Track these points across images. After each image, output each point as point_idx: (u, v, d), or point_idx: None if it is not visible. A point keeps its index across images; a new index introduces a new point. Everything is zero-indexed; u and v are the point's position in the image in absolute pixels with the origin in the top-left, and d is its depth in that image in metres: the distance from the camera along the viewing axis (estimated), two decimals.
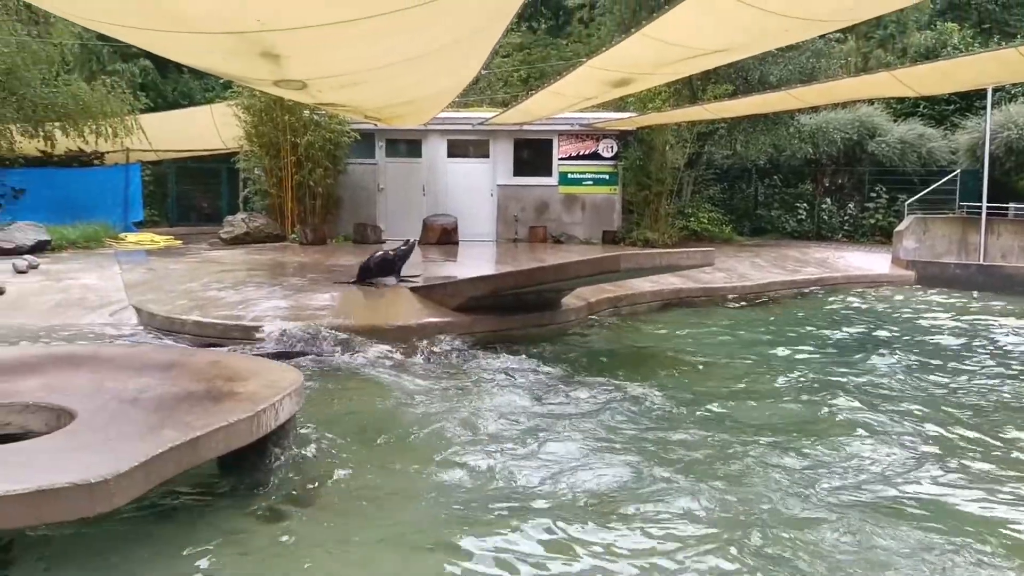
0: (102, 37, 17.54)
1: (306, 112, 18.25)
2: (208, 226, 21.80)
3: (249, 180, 20.28)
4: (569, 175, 20.90)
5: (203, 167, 24.83)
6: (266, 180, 19.58)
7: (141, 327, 9.94)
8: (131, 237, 18.48)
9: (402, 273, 11.95)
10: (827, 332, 11.41)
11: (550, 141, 20.76)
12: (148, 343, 9.16)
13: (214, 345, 8.73)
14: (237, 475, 4.94)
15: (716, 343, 10.44)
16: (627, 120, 19.55)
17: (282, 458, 5.16)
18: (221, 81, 20.70)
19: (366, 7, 6.12)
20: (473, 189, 20.73)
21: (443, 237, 19.10)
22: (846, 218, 23.63)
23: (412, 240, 12.55)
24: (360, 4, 6.07)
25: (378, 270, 11.73)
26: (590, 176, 20.91)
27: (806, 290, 15.02)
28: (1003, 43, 22.99)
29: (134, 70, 24.13)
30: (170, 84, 26.38)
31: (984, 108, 18.85)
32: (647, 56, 9.65)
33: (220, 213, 22.31)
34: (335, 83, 9.34)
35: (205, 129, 20.70)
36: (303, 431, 5.83)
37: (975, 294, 14.97)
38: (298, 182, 18.97)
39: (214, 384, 5.15)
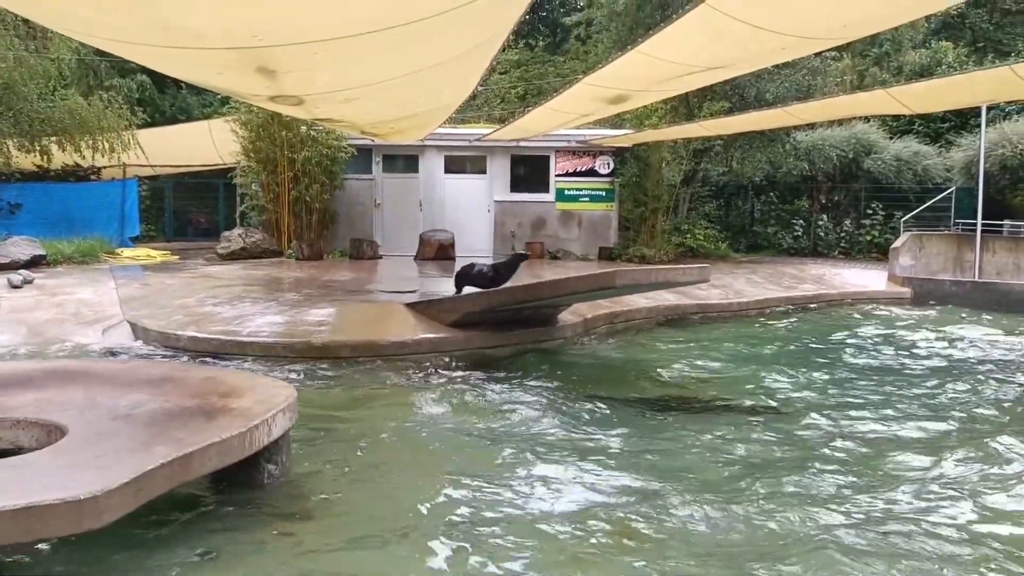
0: (99, 52, 17.59)
1: (303, 127, 18.27)
2: (205, 241, 21.79)
3: (246, 195, 20.28)
4: (566, 191, 20.93)
5: (200, 182, 24.83)
6: (263, 195, 19.57)
7: (136, 342, 9.91)
8: (127, 252, 18.44)
9: (404, 288, 11.91)
10: (824, 349, 11.40)
11: (547, 157, 20.79)
12: (142, 358, 9.12)
13: (209, 361, 8.72)
14: (230, 491, 4.90)
15: (712, 360, 10.41)
16: (624, 137, 19.59)
17: (275, 474, 5.13)
18: (219, 96, 20.73)
19: (363, 24, 6.13)
20: (470, 205, 20.75)
21: (440, 253, 19.09)
22: (842, 235, 23.66)
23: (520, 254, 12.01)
24: (357, 21, 6.07)
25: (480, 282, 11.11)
26: (587, 192, 20.94)
27: (803, 307, 15.01)
28: (997, 61, 23.08)
29: (131, 85, 24.14)
30: (168, 99, 26.41)
31: (979, 126, 18.89)
32: (643, 73, 9.67)
33: (217, 228, 22.30)
34: (332, 99, 9.34)
35: (202, 144, 20.72)
36: (297, 447, 5.79)
37: (963, 313, 14.92)
38: (295, 197, 18.97)
39: (207, 400, 5.12)
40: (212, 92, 19.26)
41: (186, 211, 25.67)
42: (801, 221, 23.99)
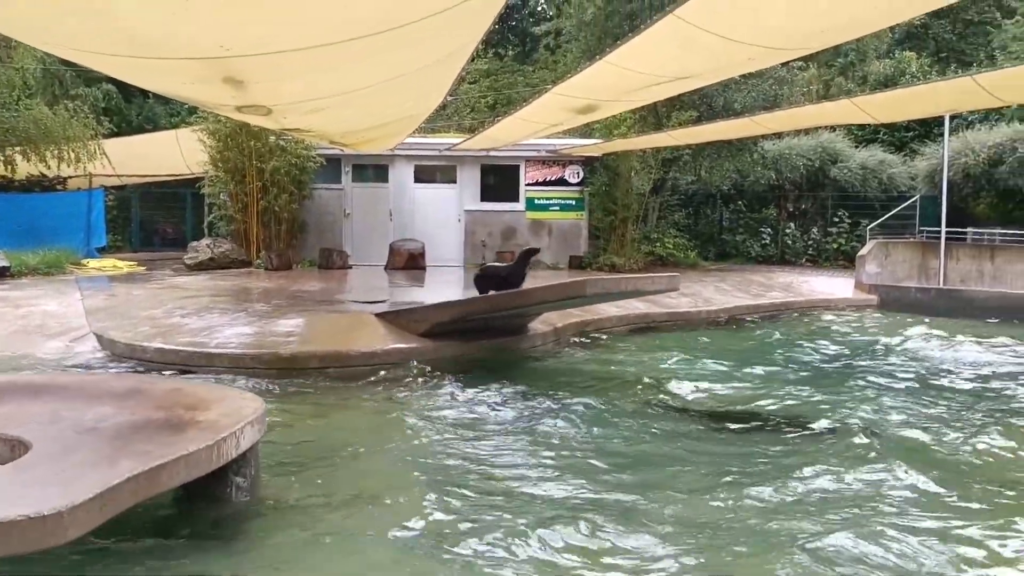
0: (65, 61, 17.40)
1: (272, 137, 18.18)
2: (172, 252, 21.59)
3: (214, 205, 20.12)
4: (536, 201, 20.98)
5: (167, 192, 24.61)
6: (231, 205, 19.43)
7: (102, 354, 9.79)
8: (93, 263, 18.23)
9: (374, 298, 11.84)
10: (791, 355, 11.50)
11: (517, 167, 20.84)
12: (108, 371, 9.02)
13: (177, 373, 8.63)
14: (198, 504, 4.86)
15: (680, 368, 10.47)
16: (593, 146, 19.69)
17: (244, 487, 5.08)
18: (186, 106, 20.61)
19: (332, 34, 6.12)
20: (440, 214, 20.74)
21: (410, 262, 19.08)
22: (809, 243, 23.89)
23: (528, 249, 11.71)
24: (326, 31, 6.06)
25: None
26: (557, 202, 21.00)
27: (771, 314, 15.13)
28: (959, 72, 23.47)
29: (97, 94, 23.91)
30: (134, 109, 26.18)
31: (942, 135, 19.20)
32: (612, 83, 9.72)
33: (185, 239, 22.11)
34: (301, 109, 9.29)
35: (170, 154, 20.56)
36: (265, 459, 5.75)
37: (927, 319, 15.10)
38: (263, 207, 18.86)
39: (174, 412, 5.07)
40: (179, 102, 19.12)
41: (153, 221, 25.42)
42: (769, 229, 24.20)
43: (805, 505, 5.43)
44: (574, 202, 21.01)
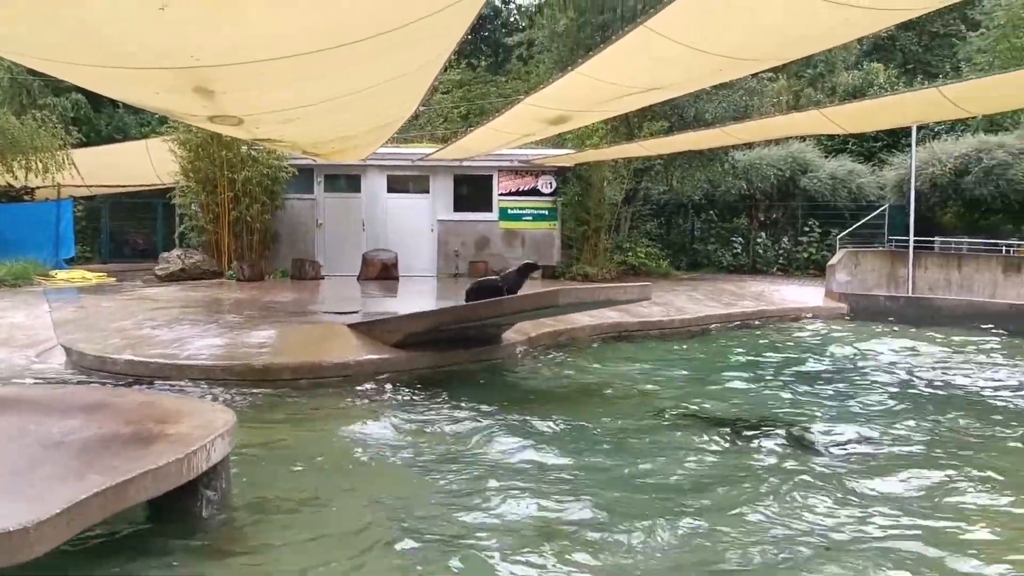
0: (32, 71, 17.23)
1: (243, 147, 18.08)
2: (143, 262, 21.38)
3: (185, 216, 19.96)
4: (509, 211, 21.01)
5: (138, 202, 24.39)
6: (202, 216, 19.29)
7: (71, 367, 9.68)
8: (62, 274, 18.01)
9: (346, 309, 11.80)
10: (762, 363, 11.58)
11: (490, 177, 20.87)
12: (77, 383, 8.91)
13: (148, 385, 8.55)
14: (168, 518, 4.81)
15: (651, 377, 10.52)
16: (565, 156, 19.76)
17: (214, 500, 5.04)
18: (157, 116, 20.43)
19: (304, 44, 6.11)
20: (413, 224, 20.71)
21: (383, 272, 19.03)
22: (780, 252, 24.09)
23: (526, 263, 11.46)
24: (298, 41, 6.05)
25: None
26: (530, 212, 21.04)
27: (743, 323, 15.23)
28: (926, 83, 23.81)
29: (66, 104, 23.65)
30: (104, 118, 25.93)
31: (909, 145, 19.46)
32: (583, 94, 9.78)
33: (155, 249, 21.91)
34: (272, 119, 9.27)
35: (140, 164, 20.36)
36: (236, 471, 5.70)
37: (897, 327, 15.28)
38: (235, 218, 18.75)
39: (143, 425, 5.02)
40: (150, 111, 18.98)
41: (123, 232, 25.18)
42: (740, 239, 24.38)
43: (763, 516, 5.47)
44: (547, 212, 21.07)
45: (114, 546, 4.58)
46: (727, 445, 7.27)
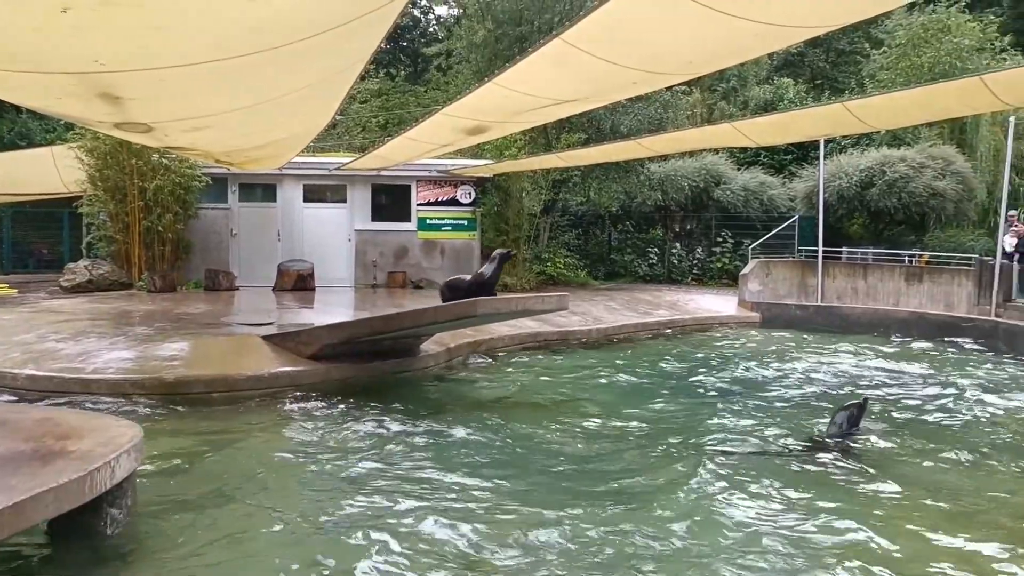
0: None
1: (155, 155, 17.62)
2: (48, 273, 20.64)
3: (93, 225, 19.33)
4: (428, 221, 20.92)
5: (42, 212, 23.55)
6: (111, 225, 18.72)
7: None
8: None
9: (261, 321, 11.58)
10: (673, 371, 11.79)
11: (408, 187, 20.76)
12: None
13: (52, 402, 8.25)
14: (70, 538, 4.64)
15: (568, 386, 10.61)
16: (484, 167, 19.79)
17: (119, 519, 4.88)
18: (63, 122, 19.78)
19: (214, 50, 5.98)
20: (330, 234, 20.46)
21: (299, 283, 18.73)
22: (695, 262, 24.56)
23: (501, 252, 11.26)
24: (207, 47, 5.92)
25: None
26: (449, 222, 20.99)
27: (659, 332, 15.46)
28: (833, 98, 24.58)
29: None
30: (5, 124, 24.99)
31: (818, 158, 20.06)
32: (501, 104, 9.80)
33: (62, 260, 21.18)
34: (182, 126, 9.04)
35: (45, 172, 19.61)
36: (142, 487, 5.54)
37: (807, 336, 15.72)
38: (146, 227, 18.23)
39: (44, 443, 4.84)
40: (55, 117, 18.37)
41: (27, 242, 24.29)
42: (656, 249, 24.78)
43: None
44: (466, 222, 21.04)
45: (13, 567, 4.40)
46: (631, 450, 7.37)
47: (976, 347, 14.76)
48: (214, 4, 5.05)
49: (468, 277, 11.40)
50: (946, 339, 15.30)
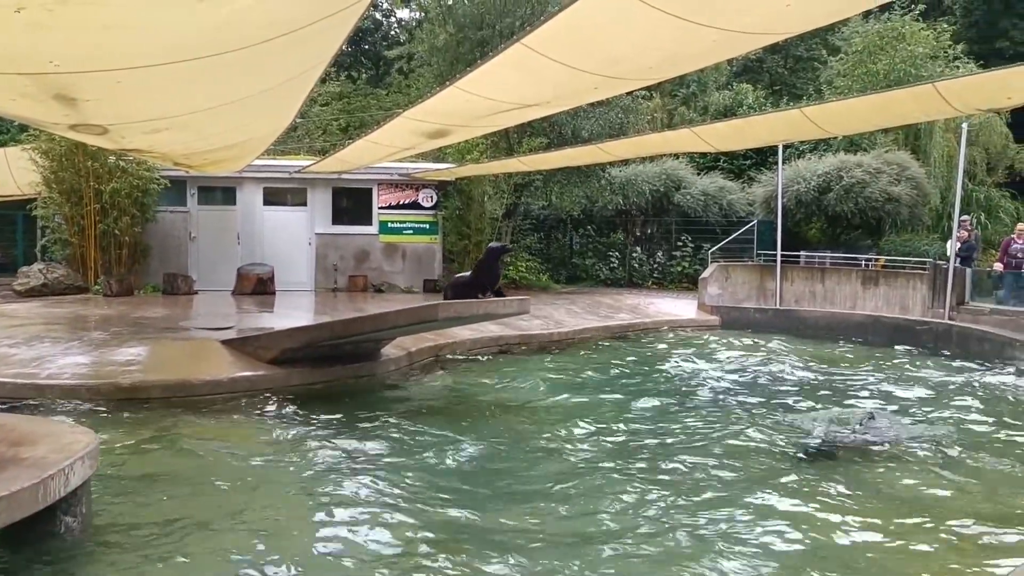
0: None
1: (111, 158, 17.37)
2: (1, 277, 20.25)
3: (48, 228, 19.02)
4: (389, 224, 20.86)
5: None
6: (67, 228, 18.43)
7: None
8: None
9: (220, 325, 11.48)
10: (632, 374, 11.88)
11: (370, 190, 20.68)
12: None
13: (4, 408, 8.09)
14: (22, 547, 4.56)
15: (528, 390, 10.64)
16: (446, 171, 19.78)
17: (74, 527, 4.81)
18: (16, 123, 19.44)
19: (171, 52, 5.92)
20: (290, 238, 20.32)
21: (258, 287, 18.58)
22: (655, 266, 24.74)
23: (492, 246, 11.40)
24: (164, 48, 5.86)
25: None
26: (410, 225, 20.94)
27: (619, 335, 15.53)
28: (791, 104, 24.89)
29: None
30: None
31: (776, 163, 20.30)
32: (462, 108, 9.80)
33: (15, 264, 20.81)
34: (139, 128, 8.92)
35: None
36: (99, 494, 5.46)
37: (765, 340, 15.87)
38: (103, 231, 17.97)
39: None
40: (9, 119, 18.05)
41: None
42: (617, 253, 24.92)
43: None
44: (428, 226, 21.02)
45: None
46: (588, 450, 7.42)
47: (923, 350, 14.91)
48: (170, 4, 5.00)
49: (468, 275, 11.44)
50: (898, 346, 15.41)
